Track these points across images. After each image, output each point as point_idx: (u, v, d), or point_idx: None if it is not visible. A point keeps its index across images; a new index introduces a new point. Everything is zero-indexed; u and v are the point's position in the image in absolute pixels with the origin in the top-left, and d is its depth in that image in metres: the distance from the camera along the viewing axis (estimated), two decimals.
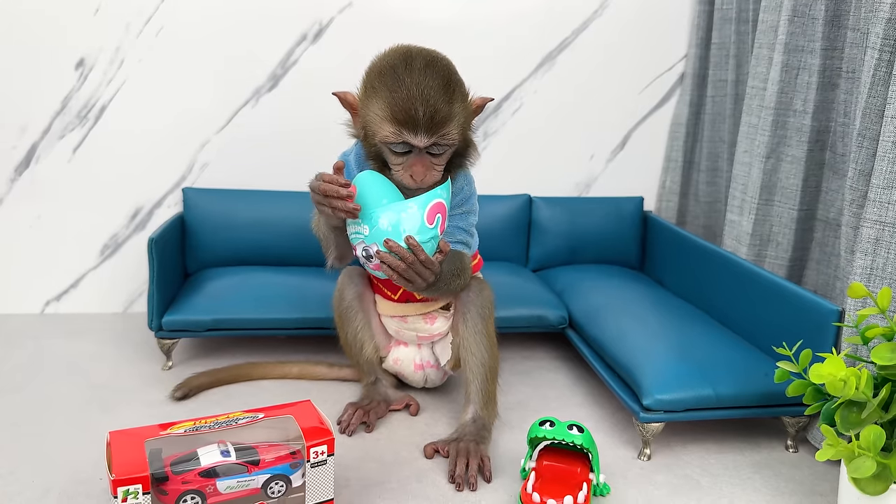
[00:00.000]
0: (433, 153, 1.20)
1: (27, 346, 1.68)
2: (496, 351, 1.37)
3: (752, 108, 1.67)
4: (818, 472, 1.31)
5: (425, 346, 1.48)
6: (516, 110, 1.99)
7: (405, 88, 1.15)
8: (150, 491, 0.94)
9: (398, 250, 1.15)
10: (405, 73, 1.16)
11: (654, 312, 1.62)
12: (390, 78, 1.17)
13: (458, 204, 1.33)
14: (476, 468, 1.23)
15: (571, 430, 1.14)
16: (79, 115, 1.81)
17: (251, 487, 1.01)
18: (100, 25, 1.77)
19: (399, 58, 1.19)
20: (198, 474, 0.97)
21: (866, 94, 1.28)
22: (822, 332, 1.32)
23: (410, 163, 1.20)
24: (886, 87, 1.26)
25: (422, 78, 1.15)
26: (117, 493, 0.93)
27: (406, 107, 1.15)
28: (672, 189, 2.05)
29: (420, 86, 1.15)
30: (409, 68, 1.16)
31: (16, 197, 1.83)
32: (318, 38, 1.86)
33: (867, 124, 1.30)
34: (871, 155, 1.30)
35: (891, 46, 1.24)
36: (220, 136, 1.88)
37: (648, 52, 2.01)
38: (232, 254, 1.82)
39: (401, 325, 1.43)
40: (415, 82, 1.15)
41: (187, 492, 0.97)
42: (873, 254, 1.27)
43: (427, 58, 1.19)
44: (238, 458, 1.00)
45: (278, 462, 1.02)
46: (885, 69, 1.25)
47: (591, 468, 1.17)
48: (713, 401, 1.32)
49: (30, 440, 1.29)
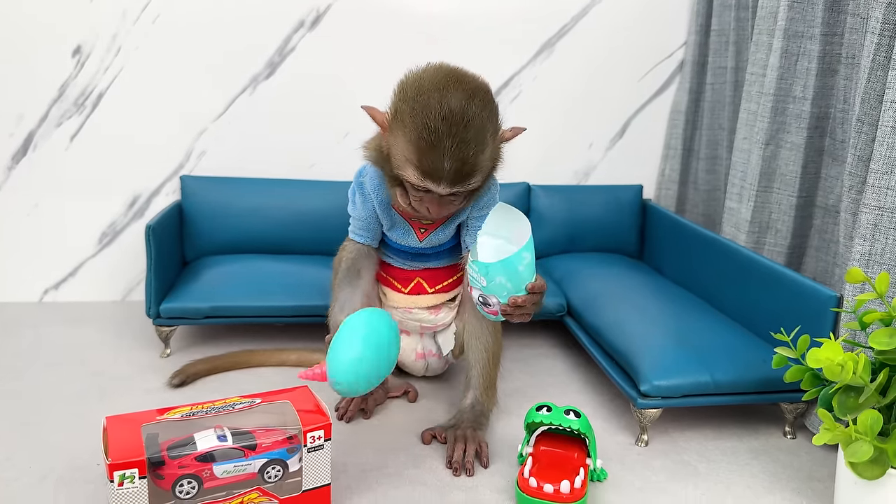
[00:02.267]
0: (453, 195, 1.18)
1: (26, 334, 1.68)
2: (500, 338, 1.38)
3: (751, 95, 1.66)
4: (816, 458, 1.32)
5: (427, 336, 1.48)
6: (515, 98, 1.98)
7: (435, 137, 1.09)
8: (146, 475, 0.94)
9: (525, 301, 1.16)
10: (438, 116, 1.09)
11: (653, 300, 1.61)
12: (421, 117, 1.10)
13: (485, 204, 1.30)
14: (473, 453, 1.23)
15: (568, 415, 1.14)
16: (76, 103, 1.80)
17: (248, 472, 1.01)
18: (96, 13, 1.76)
19: (435, 91, 1.11)
20: (194, 459, 0.97)
21: (865, 79, 1.27)
22: (820, 318, 1.32)
23: (429, 200, 1.17)
24: (886, 72, 1.25)
25: (454, 127, 1.09)
26: (114, 478, 0.93)
27: (433, 158, 1.10)
28: (671, 177, 2.05)
29: (451, 137, 1.09)
30: (443, 108, 1.09)
31: (13, 185, 1.82)
32: (316, 26, 1.85)
33: (866, 109, 1.29)
34: (871, 140, 1.30)
35: (890, 31, 1.23)
36: (218, 124, 1.87)
37: (648, 39, 2.00)
38: (230, 241, 1.82)
39: (405, 315, 1.43)
40: (447, 132, 1.08)
41: (184, 476, 0.97)
42: (872, 239, 1.27)
43: (466, 93, 1.11)
44: (235, 443, 1.00)
45: (275, 447, 1.02)
46: (884, 54, 1.25)
47: (588, 453, 1.17)
48: (710, 387, 1.32)
49: (28, 427, 1.29)
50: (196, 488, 0.98)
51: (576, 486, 1.11)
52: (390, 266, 1.42)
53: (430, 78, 1.14)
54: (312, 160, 1.93)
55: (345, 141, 1.90)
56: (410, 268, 1.40)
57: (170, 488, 0.96)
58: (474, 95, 1.12)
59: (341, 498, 1.13)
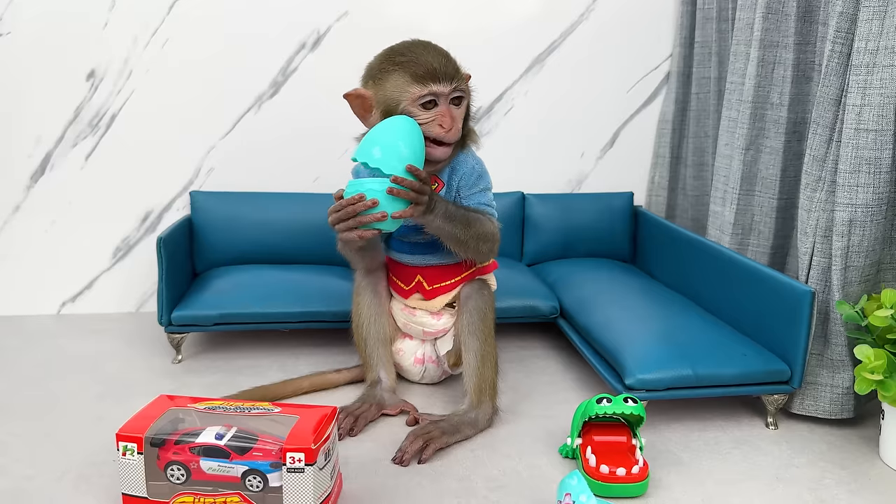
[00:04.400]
0: (455, 103, 1.35)
1: (45, 344, 1.77)
2: (492, 341, 1.42)
3: (731, 103, 1.74)
4: (796, 447, 1.37)
5: (429, 342, 1.55)
6: (508, 111, 2.06)
7: (418, 54, 1.33)
8: (143, 451, 1.02)
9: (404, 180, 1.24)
10: (412, 47, 1.35)
11: (641, 301, 1.68)
12: (400, 55, 1.34)
13: (473, 182, 1.42)
14: (420, 448, 1.29)
15: (627, 403, 1.22)
16: (90, 124, 1.90)
17: (231, 474, 1.03)
18: (109, 39, 1.87)
19: (397, 44, 1.37)
20: (188, 449, 1.04)
21: (819, 84, 1.36)
22: (796, 313, 1.38)
23: (440, 112, 1.33)
24: (839, 78, 1.34)
25: (427, 46, 1.35)
26: (119, 447, 1.01)
27: (425, 63, 1.32)
28: (661, 184, 2.12)
29: (429, 48, 1.34)
30: (413, 44, 1.35)
31: (32, 203, 1.92)
32: (317, 46, 1.95)
33: (820, 112, 1.38)
34: (825, 141, 1.38)
35: (842, 38, 1.32)
36: (225, 142, 1.97)
37: (635, 52, 2.08)
38: (238, 253, 1.91)
39: (409, 318, 1.51)
40: (424, 48, 1.34)
41: (173, 462, 1.04)
42: (849, 235, 1.35)
43: (421, 40, 1.38)
44: (227, 443, 1.04)
45: (262, 458, 1.03)
46: (837, 60, 1.33)
47: (633, 434, 1.27)
48: (692, 380, 1.39)
49: (47, 429, 1.37)
50: (185, 476, 1.04)
51: (640, 465, 1.20)
52: (394, 263, 1.49)
53: (388, 47, 1.38)
54: (316, 174, 2.02)
55: (346, 155, 1.99)
56: (411, 262, 1.47)
57: (163, 469, 1.04)
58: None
59: (344, 488, 1.20)
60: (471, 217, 1.37)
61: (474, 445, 1.35)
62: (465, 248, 1.38)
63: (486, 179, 1.44)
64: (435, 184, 1.40)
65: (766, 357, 1.43)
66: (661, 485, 1.23)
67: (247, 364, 1.68)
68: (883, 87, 1.29)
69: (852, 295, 1.39)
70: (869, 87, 1.30)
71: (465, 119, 1.40)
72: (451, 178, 1.41)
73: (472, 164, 1.42)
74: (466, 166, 1.41)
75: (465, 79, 1.38)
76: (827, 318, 1.42)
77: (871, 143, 1.31)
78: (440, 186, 1.41)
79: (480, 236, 1.38)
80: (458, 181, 1.41)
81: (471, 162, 1.42)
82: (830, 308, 1.40)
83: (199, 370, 1.64)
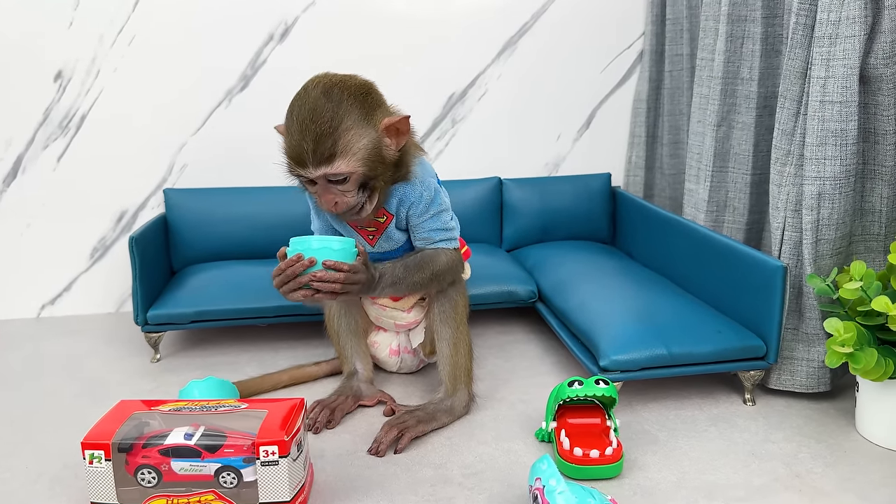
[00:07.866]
0: (335, 182, 1.22)
1: (24, 347, 1.76)
2: (465, 328, 1.42)
3: (702, 79, 1.73)
4: (772, 422, 1.38)
5: (402, 333, 1.55)
6: (482, 96, 2.05)
7: (295, 124, 1.19)
8: (111, 458, 1.01)
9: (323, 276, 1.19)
10: (298, 108, 1.20)
11: (617, 282, 1.68)
12: (288, 113, 1.22)
13: (423, 210, 1.35)
14: (395, 438, 1.29)
15: (598, 385, 1.22)
16: (60, 126, 1.89)
17: (203, 473, 1.03)
18: (75, 38, 1.85)
19: (301, 91, 1.23)
20: (158, 451, 1.03)
21: (786, 57, 1.34)
22: (769, 286, 1.38)
23: (317, 193, 1.25)
24: (804, 50, 1.32)
25: (310, 113, 1.18)
26: (84, 455, 1.00)
27: (293, 143, 1.19)
28: (638, 164, 2.11)
29: (306, 121, 1.18)
30: (302, 103, 1.20)
31: (5, 207, 1.91)
32: (285, 38, 1.93)
33: (787, 85, 1.37)
34: (793, 114, 1.37)
35: (806, 10, 1.31)
36: (197, 138, 1.95)
37: (607, 31, 2.07)
38: (214, 250, 1.90)
39: (380, 312, 1.51)
40: (304, 118, 1.18)
41: (143, 466, 1.03)
42: (818, 208, 1.34)
43: (326, 87, 1.20)
44: (198, 442, 1.03)
45: (234, 454, 1.03)
46: (801, 32, 1.32)
47: (608, 415, 1.27)
48: (667, 359, 1.39)
49: (25, 432, 1.37)
50: (156, 479, 1.04)
51: (614, 447, 1.20)
52: None
53: (306, 83, 1.24)
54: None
55: None
56: None
57: (133, 474, 1.04)
58: (332, 88, 1.21)
59: (320, 479, 1.20)
60: (423, 262, 1.34)
61: (451, 433, 1.35)
62: (426, 289, 1.39)
63: (439, 201, 1.36)
64: (383, 217, 1.36)
65: (742, 333, 1.43)
66: (636, 465, 1.24)
67: (226, 360, 1.68)
68: (846, 58, 1.28)
69: (824, 268, 1.38)
70: (832, 58, 1.29)
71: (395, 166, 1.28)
72: (398, 209, 1.35)
73: (419, 192, 1.33)
74: (413, 195, 1.33)
75: (383, 134, 1.24)
76: (800, 292, 1.42)
77: (836, 115, 1.30)
78: (389, 219, 1.36)
79: (436, 274, 1.36)
80: (407, 211, 1.35)
81: (418, 190, 1.33)
82: (804, 282, 1.40)
83: (178, 368, 1.64)
